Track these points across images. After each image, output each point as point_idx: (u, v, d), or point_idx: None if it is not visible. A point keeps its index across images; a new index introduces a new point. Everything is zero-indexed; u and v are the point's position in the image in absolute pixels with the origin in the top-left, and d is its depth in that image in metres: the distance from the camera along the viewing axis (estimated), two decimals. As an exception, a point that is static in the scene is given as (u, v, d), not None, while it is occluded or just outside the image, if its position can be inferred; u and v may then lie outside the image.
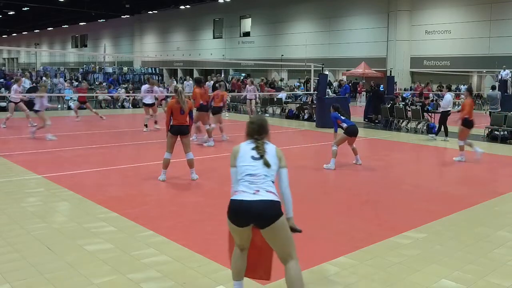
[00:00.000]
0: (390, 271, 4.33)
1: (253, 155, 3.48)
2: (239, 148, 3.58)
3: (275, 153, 3.54)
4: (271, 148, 3.56)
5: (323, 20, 36.23)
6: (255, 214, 3.27)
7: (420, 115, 15.64)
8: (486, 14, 28.10)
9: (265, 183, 3.37)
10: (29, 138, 12.18)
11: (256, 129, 3.59)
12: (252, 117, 3.84)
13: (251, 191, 3.32)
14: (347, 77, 32.97)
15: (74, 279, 4.05)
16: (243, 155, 3.51)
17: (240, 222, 3.33)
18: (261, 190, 3.32)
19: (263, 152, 3.48)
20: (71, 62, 62.76)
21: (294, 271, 3.39)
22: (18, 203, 6.34)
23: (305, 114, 19.65)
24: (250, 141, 3.58)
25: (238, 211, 3.32)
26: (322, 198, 7.08)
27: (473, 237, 5.35)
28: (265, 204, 3.28)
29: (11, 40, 77.25)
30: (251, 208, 3.27)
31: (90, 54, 62.30)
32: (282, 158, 3.57)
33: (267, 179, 3.39)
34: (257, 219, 3.29)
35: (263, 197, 3.29)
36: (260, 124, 3.63)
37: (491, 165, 10.50)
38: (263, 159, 3.44)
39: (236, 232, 3.43)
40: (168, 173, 7.82)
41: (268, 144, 3.59)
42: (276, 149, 3.59)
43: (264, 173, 3.41)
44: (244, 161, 3.47)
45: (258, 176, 3.38)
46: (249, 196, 3.30)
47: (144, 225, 5.48)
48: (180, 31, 49.28)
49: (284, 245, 3.39)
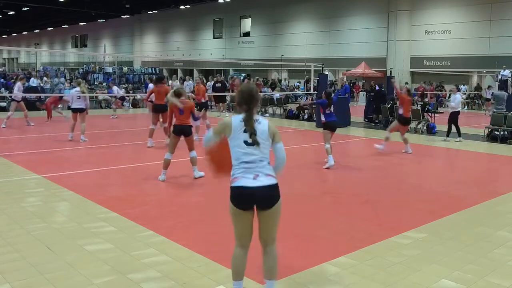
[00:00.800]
0: (390, 271, 4.33)
1: (245, 139, 3.44)
2: (231, 124, 3.49)
3: (267, 133, 3.48)
4: (263, 126, 3.49)
5: (323, 20, 36.23)
6: (258, 198, 3.41)
7: (420, 115, 15.64)
8: (486, 14, 28.10)
9: (263, 166, 3.44)
10: (29, 138, 12.17)
11: (245, 98, 3.51)
12: (242, 85, 3.73)
13: (250, 176, 3.41)
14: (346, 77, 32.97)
15: (74, 279, 4.05)
16: (235, 136, 3.48)
17: (244, 206, 3.45)
18: (261, 175, 3.42)
19: (255, 136, 3.43)
20: (71, 62, 62.75)
21: (273, 257, 3.56)
22: (18, 203, 6.34)
23: (305, 114, 19.66)
24: (241, 118, 3.48)
25: (240, 197, 3.43)
26: (322, 198, 7.08)
27: (473, 237, 5.35)
28: (266, 189, 3.40)
29: (11, 40, 77.25)
30: (253, 194, 3.39)
31: (90, 54, 62.30)
32: (276, 134, 3.53)
33: (264, 162, 3.46)
34: (259, 202, 3.43)
35: (264, 183, 3.40)
36: (249, 93, 3.55)
37: (491, 165, 10.50)
38: (256, 144, 3.43)
39: (239, 217, 3.49)
40: (168, 173, 7.82)
41: (260, 122, 3.50)
42: (269, 126, 3.51)
43: (259, 158, 3.45)
44: (238, 145, 3.47)
45: (254, 161, 3.44)
46: (249, 182, 3.39)
47: (144, 225, 5.48)
48: (180, 31, 49.28)
49: (274, 227, 3.54)
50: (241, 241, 3.55)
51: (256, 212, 3.49)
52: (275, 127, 3.57)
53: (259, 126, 3.48)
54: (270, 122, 3.57)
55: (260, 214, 3.48)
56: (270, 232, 3.53)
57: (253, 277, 3.99)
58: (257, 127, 3.47)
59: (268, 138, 3.49)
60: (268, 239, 3.55)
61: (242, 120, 3.49)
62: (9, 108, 15.44)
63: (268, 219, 3.48)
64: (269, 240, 3.55)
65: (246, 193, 3.40)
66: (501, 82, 20.07)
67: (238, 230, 3.54)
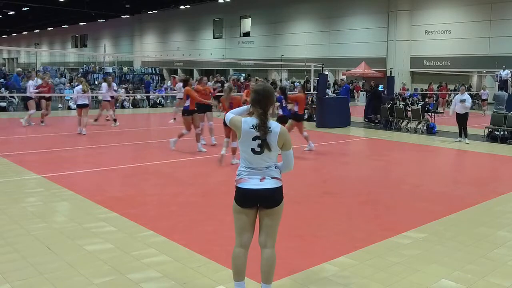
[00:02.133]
0: (390, 271, 4.33)
1: (253, 147, 3.40)
2: (240, 128, 3.42)
3: (276, 141, 3.40)
4: (273, 136, 3.38)
5: (323, 20, 36.25)
6: (262, 198, 3.44)
7: (420, 115, 15.65)
8: (486, 14, 28.11)
9: (270, 171, 3.46)
10: (29, 138, 12.18)
11: (259, 100, 3.41)
12: (257, 86, 3.57)
13: (257, 179, 3.43)
14: (346, 77, 32.98)
15: (74, 279, 4.05)
16: (244, 142, 3.44)
17: (247, 204, 3.48)
18: (267, 177, 3.45)
19: (264, 144, 3.37)
20: (71, 62, 62.79)
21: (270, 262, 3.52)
22: (18, 203, 6.34)
23: (305, 114, 19.64)
24: (252, 125, 3.40)
25: (245, 197, 3.47)
26: (322, 198, 7.08)
27: (473, 237, 5.34)
28: (271, 191, 3.43)
29: (11, 40, 77.27)
30: (258, 194, 3.43)
31: (90, 54, 62.32)
32: (286, 142, 3.45)
33: (271, 167, 3.47)
34: (262, 201, 3.46)
35: (270, 185, 3.43)
36: (264, 95, 3.42)
37: (491, 165, 10.50)
38: (264, 153, 3.41)
39: (241, 215, 3.51)
40: (168, 172, 7.81)
41: (271, 130, 3.37)
42: (280, 134, 3.40)
43: (266, 165, 3.45)
44: (246, 151, 3.45)
45: (260, 169, 3.45)
46: (256, 184, 3.42)
47: (144, 225, 5.48)
48: (180, 31, 49.30)
49: (273, 228, 3.53)
50: (241, 240, 3.55)
51: (258, 213, 3.51)
52: (287, 135, 3.46)
53: (270, 135, 3.38)
54: (282, 130, 3.44)
55: (261, 214, 3.50)
56: (269, 233, 3.52)
57: (253, 277, 3.99)
58: (268, 137, 3.37)
59: (276, 148, 3.44)
60: (267, 241, 3.53)
61: (252, 127, 3.40)
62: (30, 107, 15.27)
63: (269, 219, 3.49)
64: (268, 242, 3.53)
65: (251, 194, 3.43)
66: (501, 82, 20.08)
67: (239, 228, 3.55)
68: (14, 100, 19.98)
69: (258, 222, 3.57)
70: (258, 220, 3.57)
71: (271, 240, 3.54)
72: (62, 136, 12.61)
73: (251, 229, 3.56)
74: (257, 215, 3.54)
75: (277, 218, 3.53)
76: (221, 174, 8.33)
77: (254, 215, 3.53)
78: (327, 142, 13.00)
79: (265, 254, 3.53)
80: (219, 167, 8.90)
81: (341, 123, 16.53)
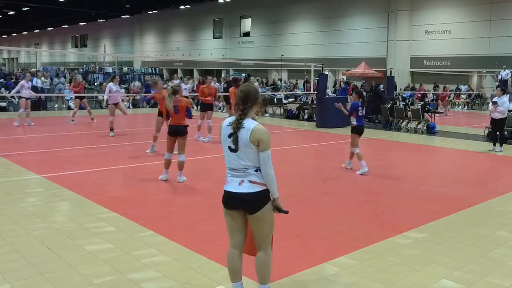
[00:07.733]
0: (390, 271, 4.33)
1: (230, 145, 3.41)
2: (221, 128, 3.50)
3: (248, 139, 3.30)
4: (245, 132, 3.32)
5: (323, 20, 36.22)
6: (242, 202, 3.42)
7: (420, 115, 15.65)
8: (486, 14, 28.09)
9: (248, 174, 3.40)
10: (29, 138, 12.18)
11: (242, 98, 3.42)
12: (242, 85, 3.61)
13: (236, 182, 3.43)
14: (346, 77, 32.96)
15: (74, 279, 4.05)
16: (223, 140, 3.48)
17: (230, 206, 3.49)
18: (245, 182, 3.40)
19: (236, 143, 3.35)
20: (71, 62, 62.77)
21: (263, 264, 3.52)
22: (18, 203, 6.34)
23: (305, 114, 19.67)
24: (229, 122, 3.43)
25: (228, 200, 3.49)
26: (322, 198, 7.08)
27: (473, 237, 5.34)
28: (248, 196, 3.38)
29: (11, 40, 77.22)
30: (238, 198, 3.42)
31: (90, 54, 62.27)
32: (262, 141, 3.31)
33: (249, 170, 3.39)
34: (243, 206, 3.44)
35: (247, 190, 3.38)
36: (246, 93, 3.44)
37: (491, 165, 10.50)
38: (240, 151, 3.36)
39: (229, 216, 3.53)
40: (169, 173, 7.81)
41: (244, 127, 3.33)
42: (252, 132, 3.30)
43: (243, 166, 3.39)
44: (225, 150, 3.46)
45: (239, 170, 3.41)
46: (235, 187, 3.42)
47: (144, 225, 5.48)
48: (180, 31, 49.28)
49: (261, 233, 3.49)
50: (233, 241, 3.57)
51: (247, 216, 3.50)
52: (262, 133, 3.32)
53: (242, 131, 3.33)
54: (257, 127, 3.33)
55: (248, 217, 3.49)
56: (258, 237, 3.51)
57: (253, 277, 3.99)
58: (240, 133, 3.35)
59: (250, 145, 3.31)
60: (259, 244, 3.53)
61: (229, 124, 3.44)
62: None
63: (254, 224, 3.47)
64: (260, 245, 3.53)
65: (231, 197, 3.44)
66: (501, 82, 20.08)
67: (229, 229, 3.58)
68: (14, 100, 19.98)
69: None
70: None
71: (263, 243, 3.52)
72: (62, 136, 12.60)
73: (241, 231, 3.55)
74: (245, 217, 3.50)
75: (262, 224, 3.45)
76: (221, 174, 8.32)
77: (241, 217, 3.50)
78: (327, 142, 13.01)
79: (258, 256, 3.55)
80: (219, 167, 8.89)
81: (341, 123, 16.52)
